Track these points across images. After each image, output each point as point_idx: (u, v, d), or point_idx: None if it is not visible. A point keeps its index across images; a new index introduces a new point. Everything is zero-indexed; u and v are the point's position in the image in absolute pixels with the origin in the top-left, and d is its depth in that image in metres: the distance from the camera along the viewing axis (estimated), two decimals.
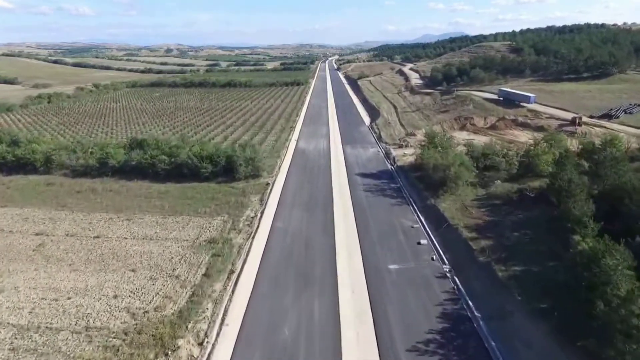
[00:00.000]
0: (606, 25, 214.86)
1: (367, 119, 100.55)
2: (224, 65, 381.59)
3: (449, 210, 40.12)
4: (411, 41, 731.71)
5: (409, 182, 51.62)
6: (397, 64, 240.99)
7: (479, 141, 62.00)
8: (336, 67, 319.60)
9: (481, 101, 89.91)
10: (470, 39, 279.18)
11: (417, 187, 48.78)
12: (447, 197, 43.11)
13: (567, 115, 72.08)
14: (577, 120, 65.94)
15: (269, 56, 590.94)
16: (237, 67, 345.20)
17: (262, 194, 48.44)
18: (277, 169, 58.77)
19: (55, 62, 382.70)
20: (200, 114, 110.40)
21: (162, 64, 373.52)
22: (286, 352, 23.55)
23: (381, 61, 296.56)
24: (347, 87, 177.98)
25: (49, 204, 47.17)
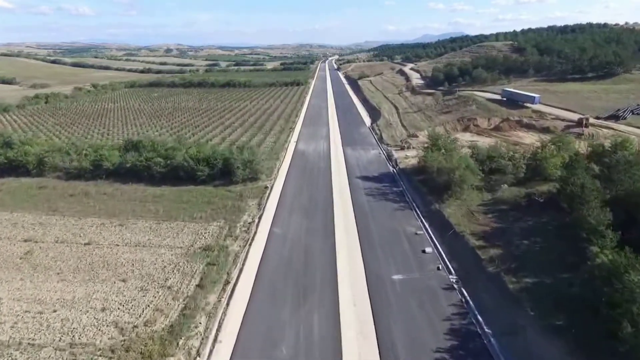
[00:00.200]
0: (609, 25, 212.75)
1: (367, 120, 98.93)
2: (223, 65, 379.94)
3: (454, 216, 38.48)
4: (411, 41, 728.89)
5: (412, 185, 50.01)
6: (398, 64, 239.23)
7: (483, 143, 60.40)
8: (336, 67, 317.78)
9: (484, 102, 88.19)
10: (470, 39, 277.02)
11: (421, 190, 47.18)
12: (452, 202, 41.46)
13: (572, 116, 70.48)
14: (584, 121, 64.31)
15: (268, 56, 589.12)
16: (237, 67, 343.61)
17: (260, 198, 46.90)
18: (276, 171, 57.21)
19: (53, 62, 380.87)
20: (198, 114, 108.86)
21: (161, 64, 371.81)
22: None
23: (381, 61, 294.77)
24: (347, 87, 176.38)
25: (40, 208, 45.78)
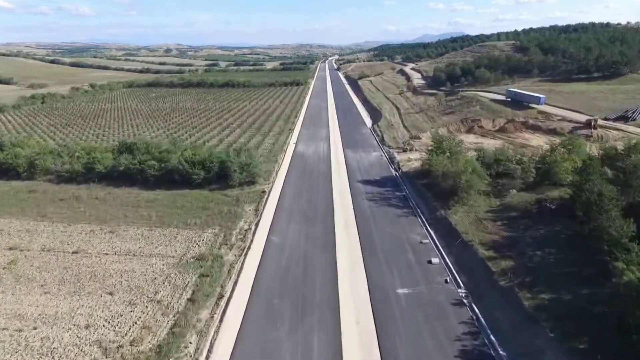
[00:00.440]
0: (611, 24, 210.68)
1: (368, 121, 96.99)
2: (223, 65, 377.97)
3: (462, 223, 36.49)
4: (411, 41, 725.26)
5: (416, 190, 48.07)
6: (398, 63, 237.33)
7: (489, 145, 58.47)
8: (336, 67, 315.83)
9: (488, 102, 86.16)
10: (471, 39, 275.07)
11: (425, 195, 45.24)
12: (459, 208, 39.47)
13: (580, 117, 68.55)
14: (592, 122, 62.35)
15: (268, 56, 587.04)
16: (236, 67, 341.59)
17: (257, 203, 44.98)
18: (274, 174, 55.26)
19: (52, 62, 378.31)
20: (196, 115, 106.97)
21: (160, 64, 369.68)
22: None
23: (382, 61, 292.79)
24: (348, 87, 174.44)
25: (28, 214, 43.98)
